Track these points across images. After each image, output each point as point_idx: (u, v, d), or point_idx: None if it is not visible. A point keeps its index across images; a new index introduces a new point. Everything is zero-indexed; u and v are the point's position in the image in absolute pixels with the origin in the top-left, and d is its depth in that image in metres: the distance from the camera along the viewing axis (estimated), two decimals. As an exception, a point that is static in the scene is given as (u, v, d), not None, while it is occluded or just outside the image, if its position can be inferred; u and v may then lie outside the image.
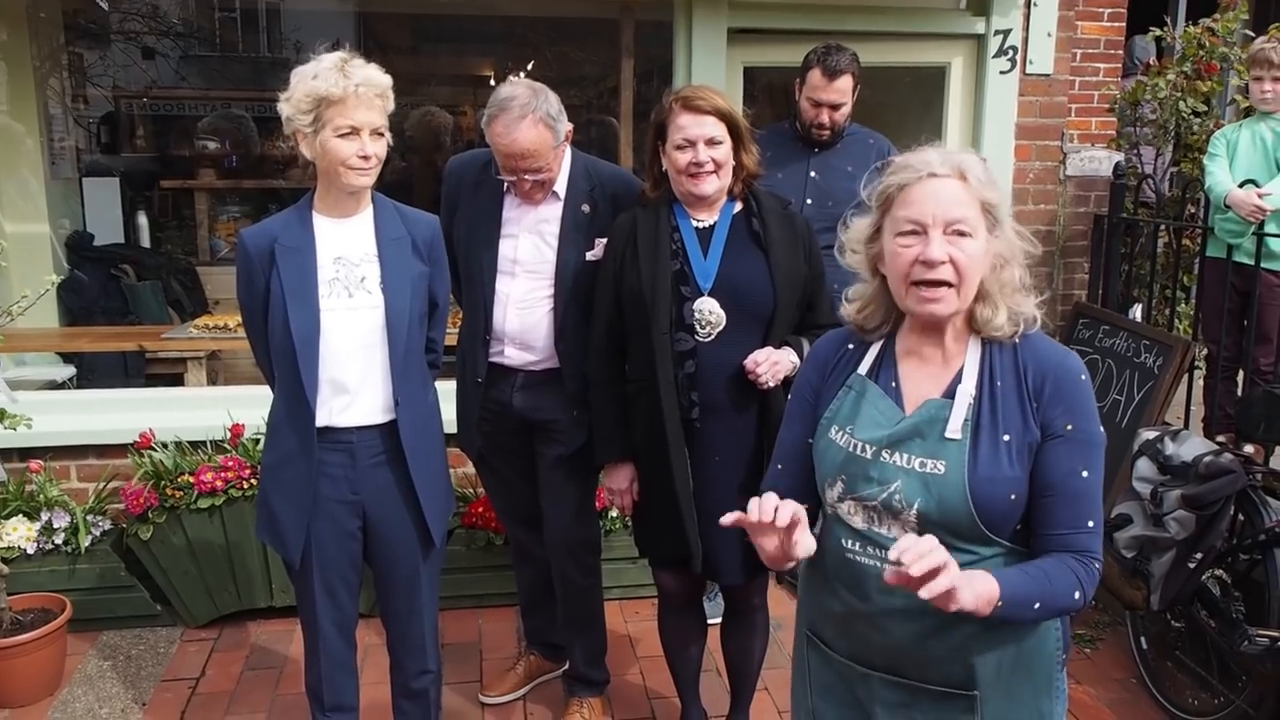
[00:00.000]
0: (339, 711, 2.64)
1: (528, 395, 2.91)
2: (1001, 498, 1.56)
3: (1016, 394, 1.60)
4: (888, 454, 1.61)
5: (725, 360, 2.55)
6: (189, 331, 4.70)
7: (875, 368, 1.71)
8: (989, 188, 1.59)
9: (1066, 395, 1.59)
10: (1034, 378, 1.60)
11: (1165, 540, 2.98)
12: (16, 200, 4.76)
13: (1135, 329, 4.04)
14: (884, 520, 1.62)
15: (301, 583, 2.53)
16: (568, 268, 2.80)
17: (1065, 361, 1.62)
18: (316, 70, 2.25)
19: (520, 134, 2.62)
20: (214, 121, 6.76)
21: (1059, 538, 1.58)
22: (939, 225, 1.56)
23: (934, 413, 1.61)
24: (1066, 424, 1.58)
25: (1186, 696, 3.24)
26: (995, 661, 1.63)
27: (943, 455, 1.58)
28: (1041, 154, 4.51)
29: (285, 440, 2.43)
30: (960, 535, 1.57)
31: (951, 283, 1.57)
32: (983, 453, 1.57)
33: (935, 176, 1.58)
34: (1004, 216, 1.62)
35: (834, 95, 3.47)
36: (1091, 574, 1.57)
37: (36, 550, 3.52)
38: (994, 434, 1.58)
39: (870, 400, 1.68)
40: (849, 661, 1.73)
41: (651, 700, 3.31)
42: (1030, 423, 1.58)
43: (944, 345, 1.65)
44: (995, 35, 4.34)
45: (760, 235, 2.59)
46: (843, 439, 1.67)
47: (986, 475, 1.56)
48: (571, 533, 3.00)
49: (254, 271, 2.38)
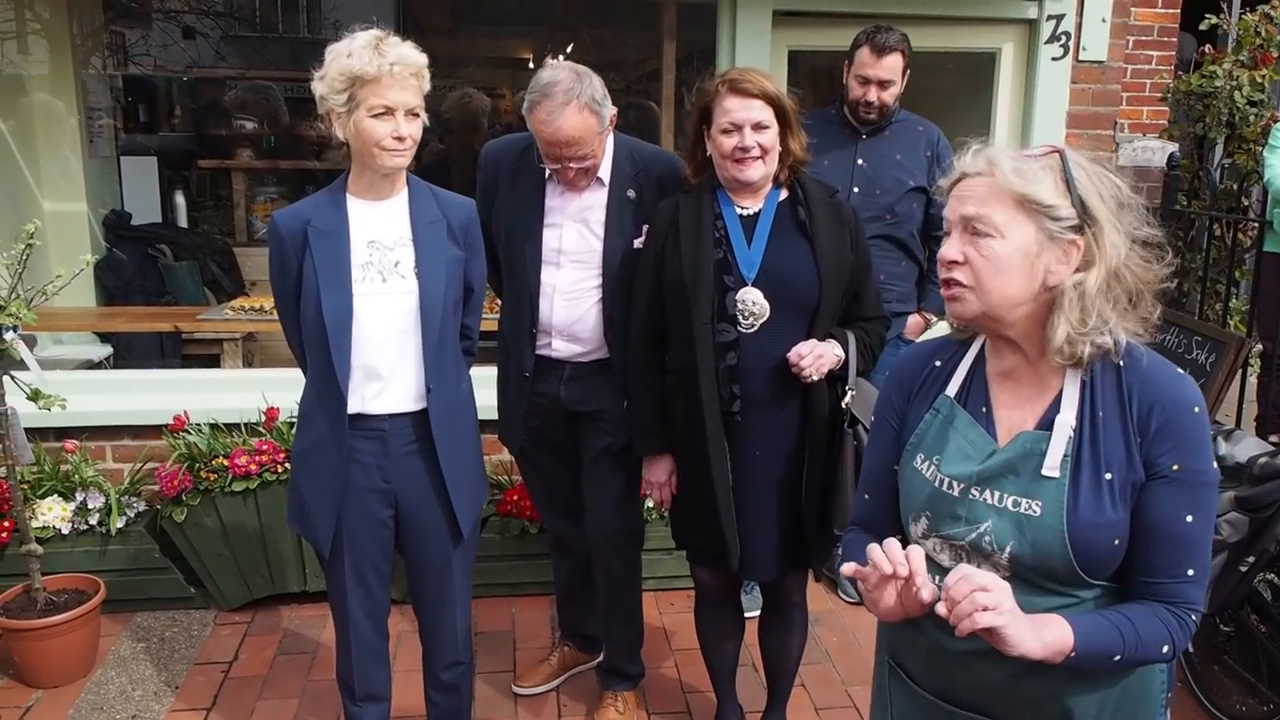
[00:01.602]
0: (370, 702, 2.61)
1: (576, 387, 2.85)
2: (1104, 543, 1.42)
3: (1120, 426, 1.43)
4: (977, 491, 1.48)
5: (768, 352, 2.49)
6: (225, 313, 4.71)
7: (965, 389, 1.57)
8: (1025, 180, 1.41)
9: (1177, 431, 1.41)
10: (1139, 408, 1.43)
11: (1216, 543, 2.89)
12: (56, 179, 4.78)
13: (1187, 324, 3.93)
14: (973, 559, 1.49)
15: (332, 570, 2.50)
16: (615, 256, 2.73)
17: (1176, 391, 1.43)
18: (351, 48, 2.20)
19: (565, 121, 2.53)
20: (241, 95, 6.76)
21: (1154, 585, 1.44)
22: (957, 223, 1.46)
23: (1029, 447, 1.46)
24: (1174, 464, 1.41)
25: (1234, 702, 3.15)
26: (1096, 704, 1.49)
27: (1039, 495, 1.44)
28: (1093, 143, 4.39)
29: (316, 427, 2.40)
30: (1056, 579, 1.45)
31: (967, 284, 1.45)
32: (1084, 493, 1.42)
33: (966, 176, 1.47)
34: (1099, 214, 1.41)
35: (882, 72, 3.37)
36: (1186, 627, 1.43)
37: (71, 530, 3.53)
38: (1095, 472, 1.42)
39: (959, 429, 1.53)
40: (934, 699, 1.60)
41: (686, 694, 3.26)
42: (1135, 460, 1.42)
43: (1034, 365, 1.49)
44: (1048, 20, 4.23)
45: (806, 224, 2.52)
46: (929, 471, 1.54)
47: (1088, 520, 1.41)
48: (614, 524, 2.95)
49: (286, 254, 2.34)
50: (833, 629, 3.63)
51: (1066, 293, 1.42)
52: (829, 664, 3.41)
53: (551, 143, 2.57)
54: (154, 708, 3.16)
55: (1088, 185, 1.42)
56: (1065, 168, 1.43)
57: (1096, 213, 1.42)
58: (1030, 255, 1.42)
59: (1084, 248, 1.42)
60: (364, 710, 2.60)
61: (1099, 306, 1.41)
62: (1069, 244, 1.42)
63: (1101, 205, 1.42)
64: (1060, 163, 1.44)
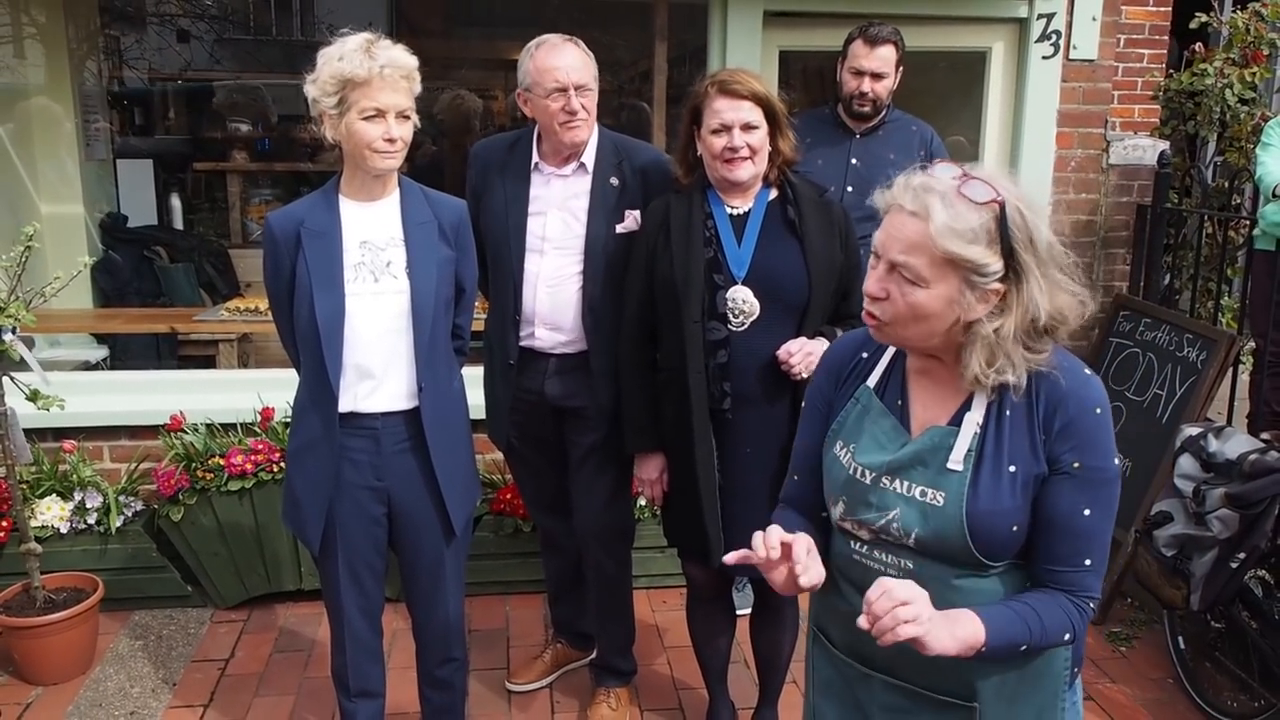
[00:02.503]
0: (365, 698, 2.63)
1: (559, 382, 2.87)
2: (1002, 529, 1.49)
3: (1026, 424, 1.50)
4: (887, 480, 1.55)
5: (758, 350, 2.51)
6: (220, 314, 4.72)
7: (884, 381, 1.63)
8: (958, 239, 1.39)
9: (1079, 431, 1.48)
10: (1045, 408, 1.49)
11: (1208, 539, 2.92)
12: (52, 181, 4.79)
13: (1178, 322, 3.96)
14: (884, 542, 1.58)
15: (325, 568, 2.52)
16: (597, 242, 2.77)
17: (1080, 392, 1.49)
18: (341, 52, 2.22)
19: (569, 51, 2.66)
20: (229, 96, 6.76)
21: (1055, 573, 1.52)
22: (885, 260, 1.47)
23: (938, 441, 1.53)
24: (1074, 461, 1.48)
25: (1225, 698, 3.17)
26: (998, 676, 1.58)
27: (943, 486, 1.50)
28: (1084, 142, 4.41)
29: (309, 425, 2.42)
30: (959, 563, 1.52)
31: (886, 320, 1.49)
32: (983, 485, 1.49)
33: (902, 210, 1.45)
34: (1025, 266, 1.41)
35: (875, 63, 3.39)
36: (1085, 615, 1.52)
37: (69, 529, 3.55)
38: (997, 465, 1.49)
39: (874, 419, 1.60)
40: (849, 660, 1.69)
41: (679, 691, 3.28)
42: (1039, 456, 1.49)
43: (949, 367, 1.54)
44: (1039, 19, 4.25)
45: (796, 223, 2.54)
46: (845, 458, 1.61)
47: (986, 509, 1.48)
48: (603, 522, 2.97)
49: (280, 255, 2.36)
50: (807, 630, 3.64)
51: (982, 335, 1.45)
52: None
53: (557, 75, 2.64)
54: (152, 705, 3.18)
55: (1020, 236, 1.42)
56: (1003, 221, 1.41)
57: (1024, 263, 1.42)
58: (951, 302, 1.44)
59: (1004, 294, 1.44)
60: (359, 707, 2.62)
61: (1008, 349, 1.45)
62: (990, 291, 1.44)
63: (1030, 257, 1.43)
64: (999, 212, 1.41)
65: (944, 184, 1.44)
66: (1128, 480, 3.79)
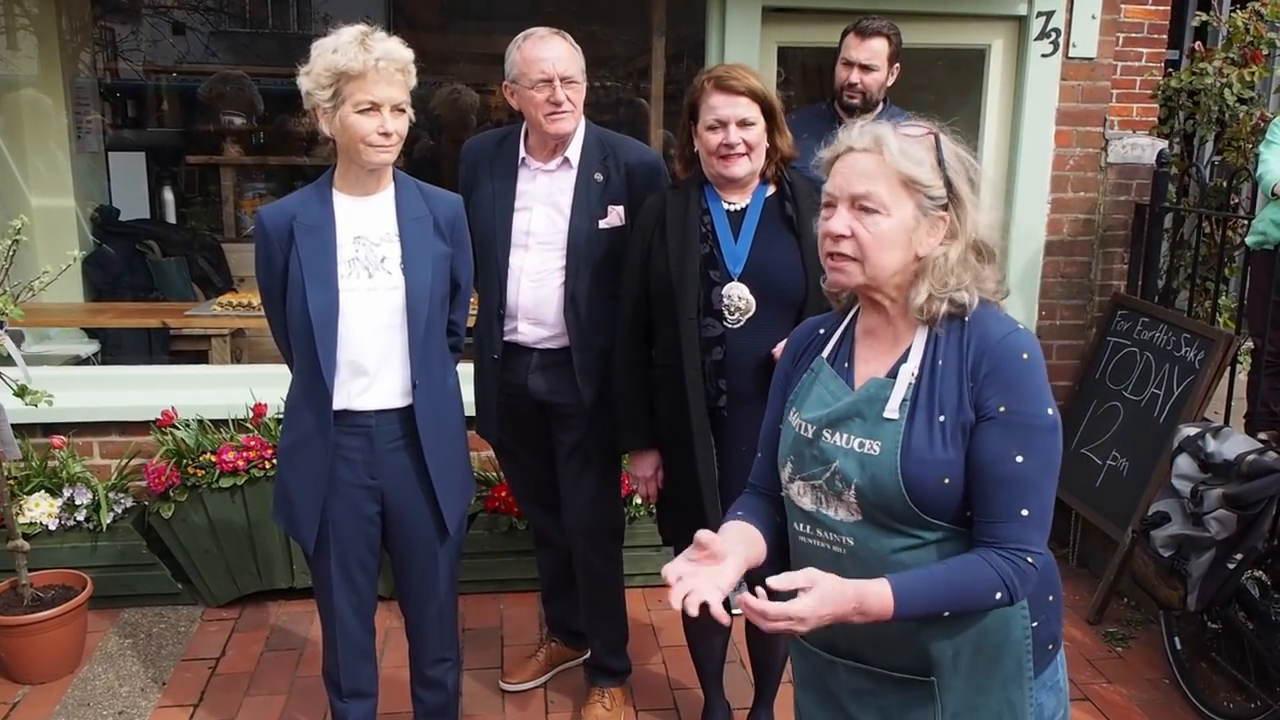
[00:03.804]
0: (357, 698, 2.60)
1: (542, 377, 2.86)
2: (933, 480, 1.51)
3: (956, 373, 1.54)
4: (829, 433, 1.59)
5: (754, 347, 2.49)
6: (213, 309, 4.69)
7: (835, 350, 1.69)
8: (911, 161, 1.53)
9: (1004, 375, 1.51)
10: (973, 356, 1.54)
11: (1205, 540, 2.91)
12: (43, 174, 4.76)
13: (1176, 321, 3.94)
14: (829, 502, 1.58)
15: (318, 567, 2.50)
16: (579, 236, 2.76)
17: (1007, 339, 1.54)
18: (336, 44, 2.19)
19: (555, 43, 2.67)
20: (214, 86, 6.71)
21: (988, 526, 1.51)
22: (845, 199, 1.56)
23: (874, 392, 1.57)
24: (1000, 405, 1.50)
25: (1221, 699, 3.16)
26: (951, 648, 1.57)
27: (879, 435, 1.54)
28: (1083, 140, 4.39)
29: (302, 422, 2.40)
30: (896, 518, 1.53)
31: (853, 256, 1.55)
32: (916, 434, 1.52)
33: (853, 151, 1.57)
34: (962, 192, 1.56)
35: (865, 55, 3.35)
36: (1020, 569, 1.49)
37: (58, 526, 3.52)
38: (929, 414, 1.53)
39: (823, 381, 1.66)
40: (816, 649, 1.69)
41: (674, 691, 3.26)
42: (965, 403, 1.52)
43: (893, 323, 1.61)
44: (1038, 17, 4.22)
45: (793, 219, 2.52)
46: (795, 420, 1.65)
47: (918, 458, 1.51)
48: (591, 520, 2.96)
49: (273, 250, 2.34)
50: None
51: (934, 261, 1.55)
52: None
53: (544, 66, 2.64)
54: (141, 704, 3.15)
55: (955, 166, 1.56)
56: (938, 149, 1.56)
57: (960, 191, 1.56)
58: (909, 229, 1.55)
59: (949, 222, 1.56)
60: (350, 706, 2.60)
61: (957, 271, 1.55)
62: (938, 219, 1.56)
63: (964, 183, 1.57)
64: (935, 143, 1.57)
65: (884, 126, 1.58)
66: (1125, 480, 3.79)
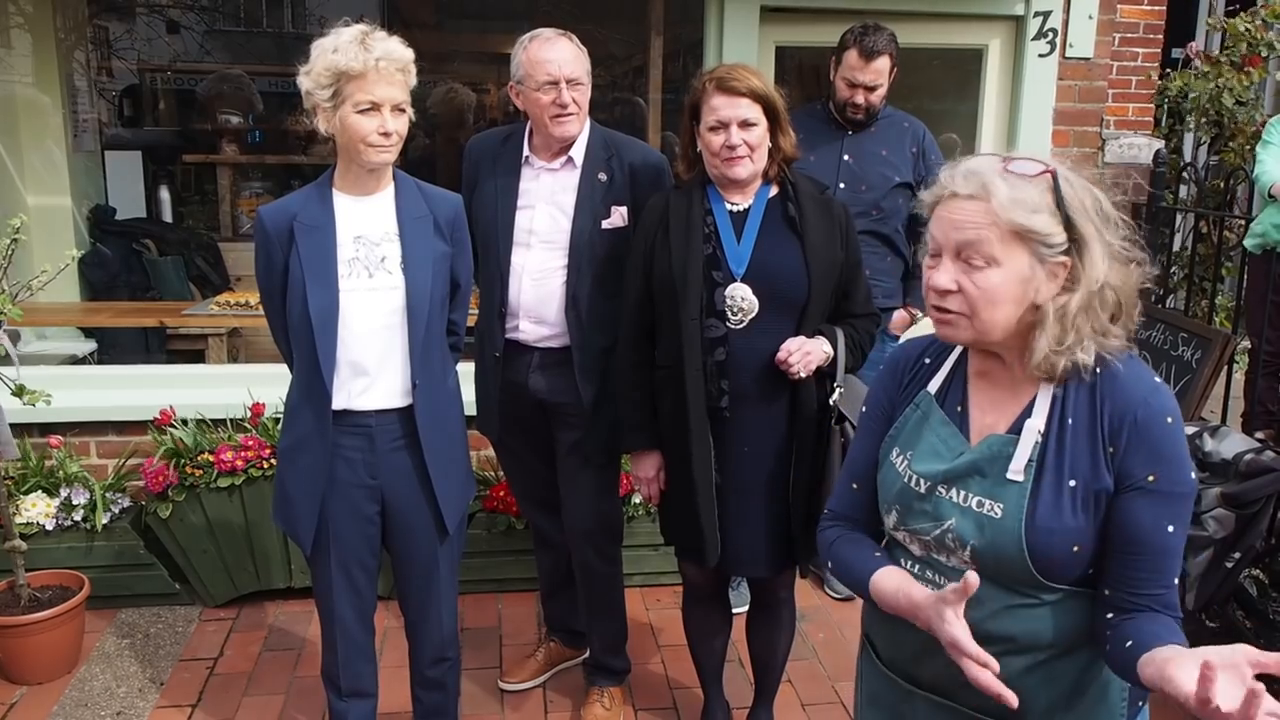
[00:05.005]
0: (357, 698, 2.60)
1: (542, 376, 2.86)
2: (1062, 549, 1.41)
3: (1089, 435, 1.42)
4: (944, 489, 1.49)
5: (757, 348, 2.48)
6: (210, 308, 4.68)
7: (945, 387, 1.57)
8: (1024, 210, 1.37)
9: (1150, 443, 1.39)
10: (1111, 419, 1.41)
11: (1203, 539, 2.91)
12: (40, 173, 4.74)
13: (1173, 320, 3.95)
14: (939, 554, 1.52)
15: (318, 567, 2.49)
16: (582, 236, 2.76)
17: (1150, 401, 1.41)
18: (336, 44, 2.19)
19: (561, 44, 2.67)
20: (212, 85, 6.69)
21: (1145, 596, 1.40)
22: (950, 250, 1.42)
23: (997, 449, 1.47)
24: (1149, 475, 1.39)
25: (1220, 698, 3.16)
26: (1046, 700, 1.49)
27: (1001, 498, 1.44)
28: (1079, 140, 4.40)
29: (302, 422, 2.39)
30: (1018, 580, 1.45)
31: (961, 312, 1.43)
32: (1044, 499, 1.41)
33: (956, 196, 1.41)
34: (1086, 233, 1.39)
35: (870, 76, 3.38)
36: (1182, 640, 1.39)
37: (55, 526, 3.51)
38: (1058, 479, 1.42)
39: (933, 426, 1.54)
40: (895, 676, 1.64)
41: (673, 690, 3.26)
42: (1102, 470, 1.41)
43: (1010, 368, 1.49)
44: (1035, 17, 4.23)
45: (796, 220, 2.52)
46: (901, 466, 1.55)
47: (1046, 525, 1.41)
48: (590, 519, 2.95)
49: (272, 250, 2.33)
50: (819, 625, 3.63)
51: (1050, 312, 1.41)
52: (815, 660, 3.41)
53: (550, 68, 2.64)
54: (139, 704, 3.14)
55: (1075, 204, 1.40)
56: (1057, 189, 1.40)
57: (1084, 231, 1.40)
58: (1024, 280, 1.41)
59: (1070, 267, 1.41)
60: (350, 706, 2.59)
61: (1078, 324, 1.41)
62: (1058, 264, 1.41)
63: (1088, 223, 1.40)
64: (1052, 183, 1.40)
65: (991, 165, 1.42)
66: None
